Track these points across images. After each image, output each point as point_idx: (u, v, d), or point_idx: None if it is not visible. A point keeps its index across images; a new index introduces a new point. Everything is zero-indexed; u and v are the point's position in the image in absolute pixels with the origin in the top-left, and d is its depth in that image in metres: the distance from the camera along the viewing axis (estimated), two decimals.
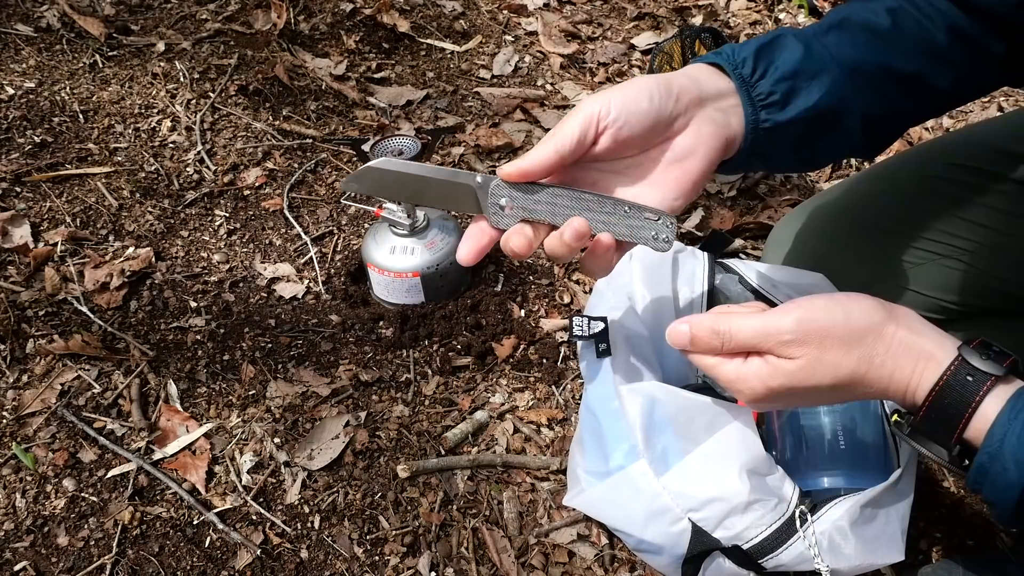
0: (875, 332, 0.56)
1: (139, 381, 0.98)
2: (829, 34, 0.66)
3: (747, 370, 0.59)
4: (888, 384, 0.56)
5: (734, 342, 0.59)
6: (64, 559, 0.82)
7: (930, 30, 0.67)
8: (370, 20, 1.63)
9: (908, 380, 0.55)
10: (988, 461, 0.51)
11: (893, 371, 0.56)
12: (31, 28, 1.46)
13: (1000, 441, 0.50)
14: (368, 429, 0.95)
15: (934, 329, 0.57)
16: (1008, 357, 0.53)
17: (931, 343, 0.56)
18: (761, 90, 0.62)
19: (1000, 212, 0.87)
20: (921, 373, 0.55)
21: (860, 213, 0.97)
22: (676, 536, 0.73)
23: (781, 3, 1.92)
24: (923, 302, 0.93)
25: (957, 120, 1.63)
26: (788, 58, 0.62)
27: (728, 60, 0.62)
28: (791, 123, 0.63)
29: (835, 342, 0.56)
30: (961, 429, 0.53)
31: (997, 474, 0.50)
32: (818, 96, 0.63)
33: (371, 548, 0.86)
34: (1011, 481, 0.50)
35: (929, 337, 0.56)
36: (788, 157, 0.68)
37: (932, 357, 0.55)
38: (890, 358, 0.55)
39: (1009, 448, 0.50)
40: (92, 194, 1.20)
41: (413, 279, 1.05)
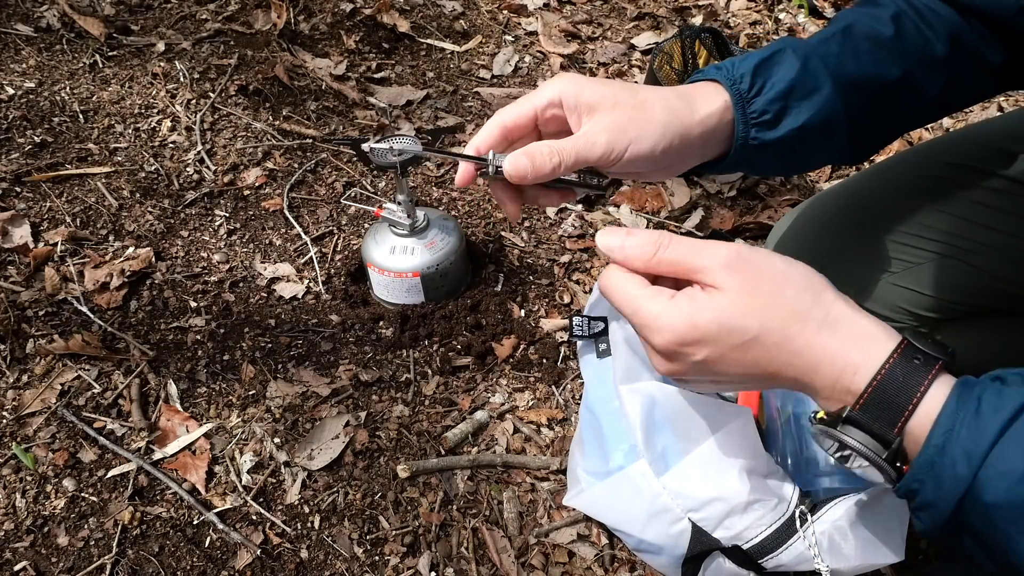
0: (814, 291, 0.51)
1: (139, 381, 0.98)
2: (832, 42, 0.66)
3: (668, 308, 0.52)
4: (822, 359, 0.49)
5: (668, 249, 0.53)
6: (64, 559, 0.82)
7: (930, 39, 0.67)
8: (370, 20, 1.63)
9: (846, 359, 0.49)
10: (936, 454, 0.45)
11: (828, 344, 0.49)
12: (31, 28, 1.46)
13: (947, 433, 0.45)
14: (368, 429, 0.95)
15: (872, 316, 0.52)
16: (946, 347, 0.49)
17: (872, 324, 0.50)
18: (755, 108, 0.63)
19: (1000, 211, 0.87)
20: (863, 352, 0.49)
21: (860, 213, 0.97)
22: (676, 536, 0.73)
23: (781, 3, 1.92)
24: (923, 301, 0.93)
25: (957, 120, 1.63)
26: (784, 76, 0.63)
27: (728, 76, 0.63)
28: (779, 141, 0.64)
29: (769, 283, 0.51)
30: (907, 417, 0.47)
31: (944, 468, 0.45)
32: (808, 115, 0.64)
33: (371, 548, 0.86)
34: (958, 476, 0.44)
35: (870, 319, 0.51)
36: (773, 166, 0.70)
37: (876, 337, 0.49)
38: (828, 327, 0.50)
39: (958, 440, 0.45)
40: (92, 194, 1.20)
41: (413, 279, 1.05)
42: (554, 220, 1.28)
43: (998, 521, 0.43)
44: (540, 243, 1.24)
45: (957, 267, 0.90)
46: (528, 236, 1.25)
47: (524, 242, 1.23)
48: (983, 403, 0.45)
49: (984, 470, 0.44)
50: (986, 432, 0.44)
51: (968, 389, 0.47)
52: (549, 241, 1.24)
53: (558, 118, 0.62)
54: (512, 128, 0.61)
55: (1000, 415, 0.44)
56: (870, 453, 0.48)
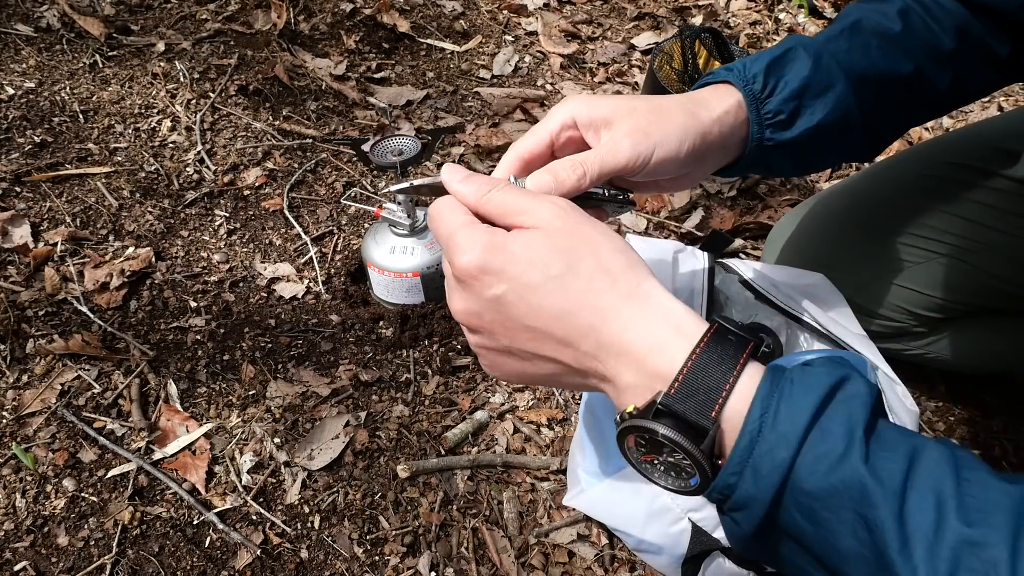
0: (630, 260, 0.47)
1: (139, 381, 0.98)
2: (841, 38, 0.66)
3: (487, 231, 0.48)
4: (629, 330, 0.45)
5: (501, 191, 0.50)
6: (64, 559, 0.82)
7: (937, 32, 0.67)
8: (370, 20, 1.63)
9: (656, 336, 0.45)
10: (753, 440, 0.41)
11: (637, 316, 0.45)
12: (31, 28, 1.46)
13: (763, 416, 0.42)
14: (368, 429, 0.95)
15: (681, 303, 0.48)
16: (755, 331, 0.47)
17: (682, 306, 0.46)
18: (769, 108, 0.62)
19: (1000, 211, 0.87)
20: (675, 330, 0.45)
21: (860, 212, 0.97)
22: (676, 536, 0.73)
23: (781, 3, 1.92)
24: (923, 301, 0.93)
25: (957, 120, 1.63)
26: (797, 74, 0.62)
27: (740, 76, 0.62)
28: (794, 140, 0.64)
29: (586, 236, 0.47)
30: (723, 401, 0.43)
31: (762, 456, 0.41)
32: (822, 114, 0.63)
33: (371, 548, 0.86)
34: (776, 461, 0.40)
35: (679, 303, 0.47)
36: (785, 167, 0.69)
37: (686, 317, 0.45)
38: (639, 297, 0.46)
39: (775, 423, 0.41)
40: (92, 194, 1.20)
41: (413, 279, 1.05)
42: None
43: (819, 511, 0.40)
44: None
45: (957, 266, 0.90)
46: None
47: None
48: (795, 384, 0.42)
49: (801, 455, 0.40)
50: (801, 412, 0.41)
51: (779, 372, 0.43)
52: None
53: (574, 140, 0.60)
54: (530, 159, 0.59)
55: (813, 394, 0.41)
56: (686, 444, 0.43)
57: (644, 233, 1.29)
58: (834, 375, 0.43)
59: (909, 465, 0.39)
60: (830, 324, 0.86)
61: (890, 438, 0.41)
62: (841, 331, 0.86)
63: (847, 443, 0.40)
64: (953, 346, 0.97)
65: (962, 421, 1.07)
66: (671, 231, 1.30)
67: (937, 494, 0.38)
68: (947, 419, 1.07)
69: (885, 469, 0.39)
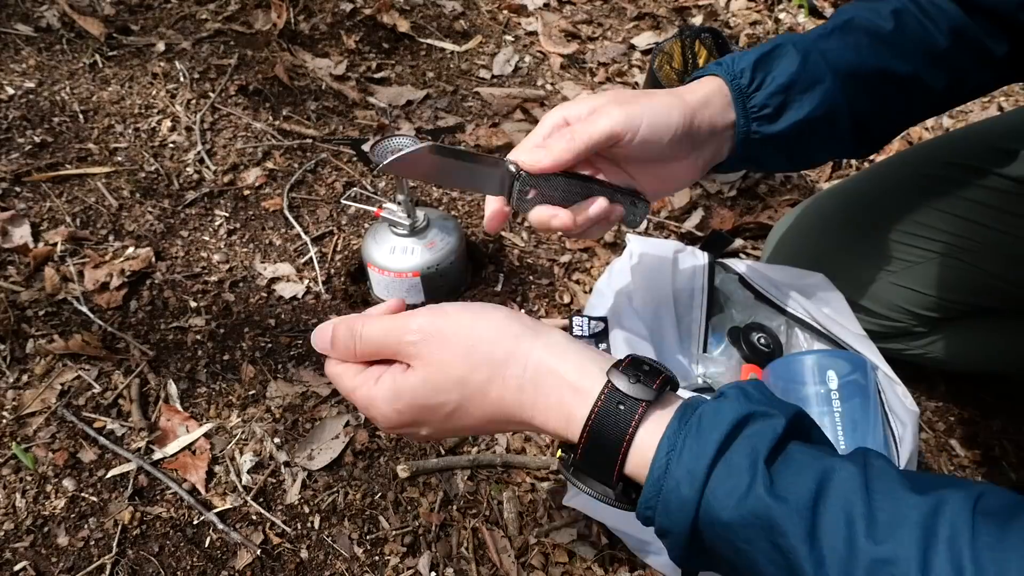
0: (506, 347, 0.49)
1: (139, 381, 0.98)
2: (832, 36, 0.67)
3: (376, 393, 0.52)
4: (535, 414, 0.49)
5: (363, 340, 0.53)
6: (64, 559, 0.82)
7: (931, 32, 0.67)
8: (370, 20, 1.63)
9: (558, 412, 0.48)
10: (661, 476, 0.43)
11: (536, 400, 0.49)
12: (31, 28, 1.46)
13: (669, 455, 0.43)
14: (368, 429, 0.95)
15: (578, 351, 0.50)
16: (660, 373, 0.47)
17: (575, 369, 0.48)
18: (755, 103, 0.64)
19: (1000, 211, 0.87)
20: (571, 405, 0.48)
21: (860, 212, 0.97)
22: None
23: (781, 3, 1.92)
24: (923, 300, 0.93)
25: (957, 120, 1.63)
26: (784, 69, 0.64)
27: (728, 71, 0.64)
28: (781, 135, 0.65)
29: (459, 352, 0.49)
30: (620, 463, 0.46)
31: (669, 492, 0.43)
32: (809, 108, 0.64)
33: (371, 548, 0.86)
34: (684, 498, 0.42)
35: (573, 362, 0.48)
36: (779, 161, 0.70)
37: (578, 389, 0.47)
38: (529, 382, 0.48)
39: (681, 461, 0.43)
40: (92, 194, 1.20)
41: (413, 279, 1.05)
42: None
43: (736, 541, 0.41)
44: (540, 243, 1.24)
45: (957, 266, 0.90)
46: (528, 236, 1.25)
47: (524, 242, 1.23)
48: (703, 420, 0.43)
49: (711, 490, 0.42)
50: (706, 449, 0.42)
51: (690, 411, 0.45)
52: (549, 241, 1.24)
53: None
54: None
55: (718, 430, 0.42)
56: (603, 497, 0.48)
57: (644, 233, 1.29)
58: (740, 409, 0.44)
59: (818, 487, 0.39)
60: (830, 324, 0.87)
61: (801, 462, 0.41)
62: (841, 331, 0.86)
63: (751, 475, 0.41)
64: (953, 346, 0.97)
65: (962, 421, 1.07)
66: (671, 231, 1.30)
67: (847, 513, 0.38)
68: (947, 419, 1.07)
69: (793, 495, 0.40)
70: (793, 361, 0.81)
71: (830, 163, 1.47)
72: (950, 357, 0.99)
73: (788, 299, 0.89)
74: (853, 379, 0.78)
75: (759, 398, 0.45)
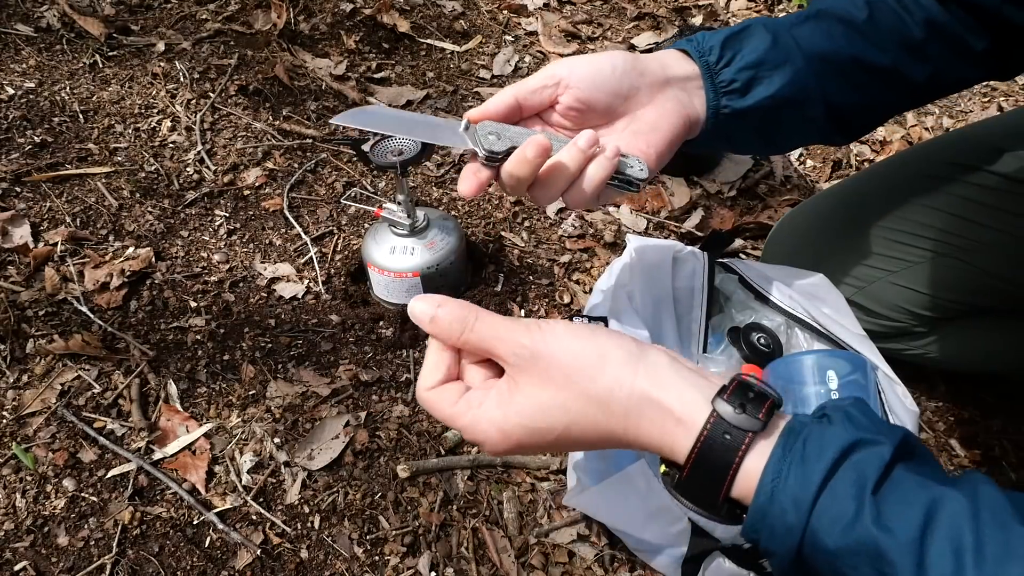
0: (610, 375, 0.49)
1: (139, 381, 0.98)
2: (805, 24, 0.67)
3: (481, 416, 0.51)
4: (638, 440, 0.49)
5: (474, 333, 0.52)
6: (64, 559, 0.82)
7: (907, 23, 0.68)
8: (370, 20, 1.63)
9: (661, 441, 0.49)
10: (767, 502, 0.44)
11: (640, 428, 0.49)
12: (31, 28, 1.46)
13: (775, 482, 0.44)
14: (368, 429, 0.95)
15: (682, 378, 0.49)
16: (766, 400, 0.47)
17: (678, 398, 0.48)
18: (724, 78, 0.64)
19: (1000, 211, 0.87)
20: (674, 435, 0.48)
21: (859, 212, 0.97)
22: (676, 536, 0.73)
23: (781, 3, 1.92)
24: (921, 300, 0.93)
25: (957, 120, 1.63)
26: (754, 48, 0.64)
27: (696, 47, 0.65)
28: (751, 110, 0.65)
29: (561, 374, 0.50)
30: (726, 491, 0.46)
31: (775, 517, 0.43)
32: (779, 85, 0.65)
33: (371, 548, 0.86)
34: (789, 524, 0.43)
35: (676, 391, 0.48)
36: (752, 140, 0.70)
37: (682, 419, 0.47)
38: (633, 410, 0.49)
39: (786, 487, 0.43)
40: (92, 194, 1.20)
41: (413, 279, 1.05)
42: (554, 220, 1.28)
43: (841, 567, 0.42)
44: (540, 243, 1.24)
45: (956, 266, 0.90)
46: (528, 236, 1.25)
47: (524, 242, 1.23)
48: (808, 447, 0.44)
49: (816, 517, 0.42)
50: (812, 477, 0.42)
51: (794, 436, 0.45)
52: (549, 241, 1.24)
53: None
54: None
55: (824, 459, 0.43)
56: (705, 516, 0.48)
57: (644, 233, 1.29)
58: (846, 437, 0.44)
59: (926, 518, 0.40)
60: (830, 324, 0.87)
61: (909, 491, 0.41)
62: (841, 331, 0.86)
63: (857, 505, 0.41)
64: (953, 346, 0.97)
65: (962, 421, 1.07)
66: (671, 231, 1.30)
67: (955, 546, 0.38)
68: (947, 419, 1.08)
69: (901, 525, 0.40)
70: (793, 361, 0.81)
71: (830, 163, 1.47)
72: (950, 357, 0.99)
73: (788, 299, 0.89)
74: (853, 379, 0.78)
75: (865, 423, 0.45)
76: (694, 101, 0.65)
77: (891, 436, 0.44)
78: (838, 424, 0.45)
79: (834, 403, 0.47)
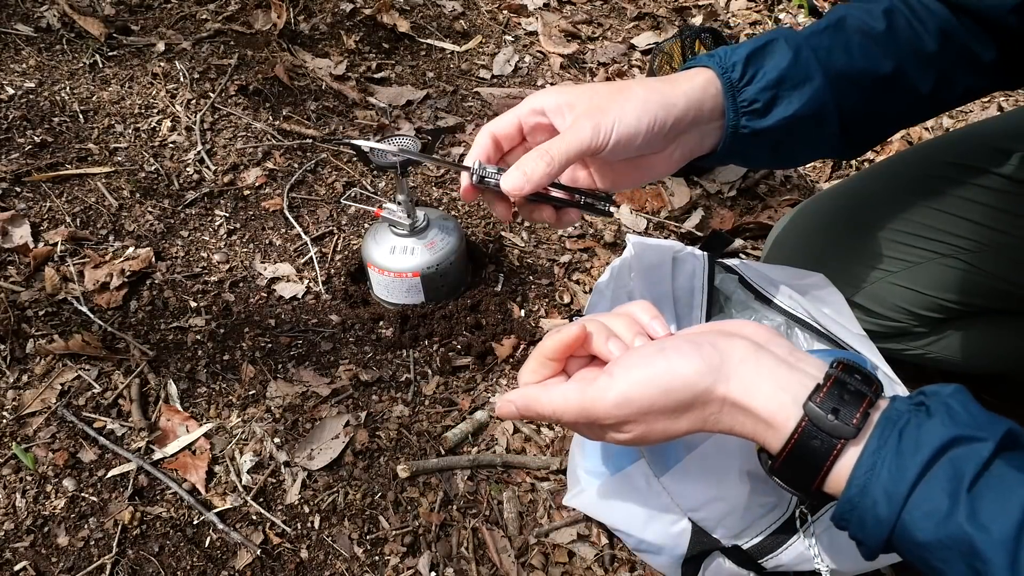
0: (701, 400, 0.51)
1: (139, 381, 0.98)
2: (824, 34, 0.67)
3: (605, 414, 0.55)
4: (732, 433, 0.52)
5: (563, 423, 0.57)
6: (64, 559, 0.82)
7: (920, 33, 0.68)
8: (370, 20, 1.63)
9: (753, 437, 0.51)
10: (858, 495, 0.44)
11: (732, 427, 0.51)
12: (31, 28, 1.46)
13: (868, 474, 0.44)
14: (368, 429, 0.95)
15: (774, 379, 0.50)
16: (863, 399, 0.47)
17: (768, 401, 0.49)
18: (745, 97, 0.64)
19: (1000, 211, 0.87)
20: (765, 437, 0.49)
21: (860, 212, 0.97)
22: (676, 536, 0.73)
23: (781, 3, 1.92)
24: (923, 301, 0.93)
25: (957, 120, 1.63)
26: (776, 64, 0.64)
27: (719, 63, 0.64)
28: (769, 130, 0.65)
29: (659, 416, 0.52)
30: (819, 484, 0.48)
31: (866, 509, 0.44)
32: (798, 106, 0.64)
33: (371, 548, 0.86)
34: (880, 516, 0.43)
35: (766, 394, 0.49)
36: (766, 157, 0.70)
37: (772, 424, 0.48)
38: (726, 417, 0.51)
39: (879, 481, 0.43)
40: (92, 194, 1.20)
41: (413, 279, 1.05)
42: None
43: (931, 560, 0.42)
44: (540, 243, 1.24)
45: (957, 266, 0.90)
46: (528, 236, 1.25)
47: (524, 242, 1.23)
48: (903, 441, 0.44)
49: (908, 511, 0.43)
50: (906, 473, 0.43)
51: (890, 427, 0.45)
52: (549, 241, 1.24)
53: (543, 126, 0.63)
54: (502, 136, 0.64)
55: (920, 454, 0.43)
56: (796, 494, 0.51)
57: (644, 233, 1.29)
58: (945, 434, 0.43)
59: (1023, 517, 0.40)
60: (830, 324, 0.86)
61: (1006, 487, 0.41)
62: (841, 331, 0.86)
63: (953, 502, 0.41)
64: (953, 346, 0.97)
65: None
66: (671, 231, 1.30)
67: None
68: None
69: (996, 523, 0.40)
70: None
71: (830, 163, 1.47)
72: (950, 357, 0.99)
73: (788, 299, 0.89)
74: None
75: (965, 418, 0.45)
76: (705, 141, 0.66)
77: (993, 431, 0.44)
78: (937, 418, 0.45)
79: (934, 390, 0.47)
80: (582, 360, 0.60)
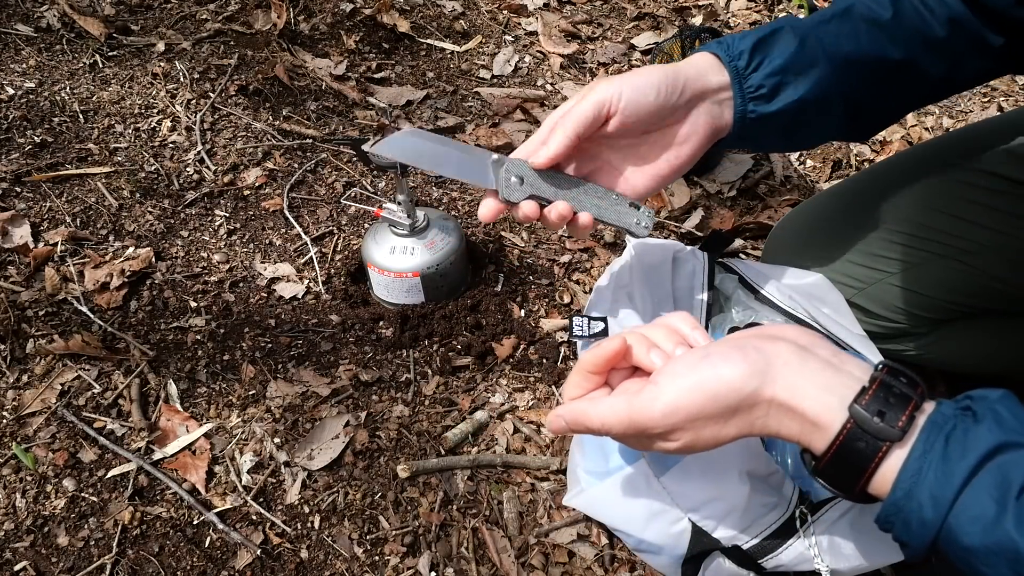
0: (748, 404, 0.51)
1: (139, 381, 0.98)
2: (831, 23, 0.68)
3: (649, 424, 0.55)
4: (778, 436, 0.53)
5: (612, 435, 0.57)
6: (64, 559, 0.82)
7: (929, 22, 0.68)
8: (370, 20, 1.63)
9: (799, 439, 0.51)
10: (903, 498, 0.44)
11: (779, 430, 0.52)
12: (31, 28, 1.46)
13: (914, 477, 0.44)
14: (368, 429, 0.95)
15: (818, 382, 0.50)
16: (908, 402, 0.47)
17: (814, 403, 0.49)
18: (752, 83, 0.65)
19: (1000, 212, 0.87)
20: (810, 438, 0.50)
21: (859, 213, 0.97)
22: (676, 536, 0.73)
23: (781, 3, 1.92)
24: (922, 302, 0.93)
25: (957, 120, 1.63)
26: (782, 51, 0.65)
27: (727, 51, 0.66)
28: (776, 115, 0.67)
29: (707, 422, 0.53)
30: (863, 485, 0.48)
31: (911, 512, 0.44)
32: (804, 90, 0.66)
33: (371, 548, 0.86)
34: (926, 520, 0.43)
35: (812, 397, 0.49)
36: (775, 141, 0.73)
37: (818, 424, 0.49)
38: (772, 420, 0.51)
39: (925, 484, 0.44)
40: (92, 194, 1.20)
41: (413, 279, 1.05)
42: None
43: (976, 564, 0.42)
44: (540, 243, 1.24)
45: (956, 267, 0.90)
46: (528, 236, 1.25)
47: (524, 242, 1.23)
48: (950, 445, 0.44)
49: (954, 516, 0.43)
50: (953, 478, 0.43)
51: (936, 431, 0.45)
52: (549, 241, 1.24)
53: None
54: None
55: (967, 459, 0.43)
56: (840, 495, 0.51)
57: None
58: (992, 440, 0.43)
59: None
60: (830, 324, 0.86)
61: None
62: (841, 331, 0.86)
63: (1000, 509, 0.41)
64: (953, 347, 0.97)
65: None
66: (671, 231, 1.30)
67: None
68: None
69: None
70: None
71: (830, 163, 1.47)
72: (950, 358, 0.99)
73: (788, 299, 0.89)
74: None
75: (1013, 424, 0.44)
76: (724, 112, 0.67)
77: None
78: (984, 423, 0.44)
79: (981, 395, 0.46)
80: (624, 372, 0.61)
